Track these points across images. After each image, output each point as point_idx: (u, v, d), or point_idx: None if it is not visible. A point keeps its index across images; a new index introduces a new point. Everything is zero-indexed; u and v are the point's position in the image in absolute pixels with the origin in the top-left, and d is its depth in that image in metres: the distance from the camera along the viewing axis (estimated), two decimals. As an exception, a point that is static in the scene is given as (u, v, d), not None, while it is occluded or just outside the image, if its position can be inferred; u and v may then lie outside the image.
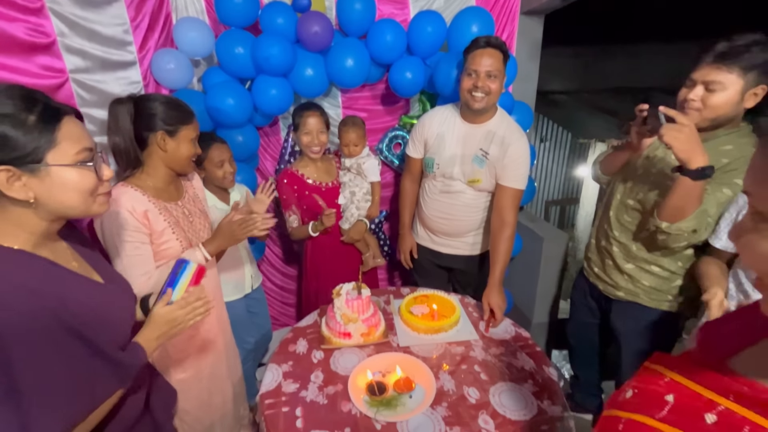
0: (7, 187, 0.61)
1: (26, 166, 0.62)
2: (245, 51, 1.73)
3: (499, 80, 1.47)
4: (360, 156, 1.87)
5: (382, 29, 1.80)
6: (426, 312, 1.46)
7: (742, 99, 1.08)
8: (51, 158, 0.64)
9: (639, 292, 1.37)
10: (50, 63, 1.12)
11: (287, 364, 1.27)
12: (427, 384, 1.15)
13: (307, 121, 1.72)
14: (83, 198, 0.69)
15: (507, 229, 1.58)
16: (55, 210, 0.67)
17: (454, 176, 1.64)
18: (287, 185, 1.79)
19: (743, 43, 1.04)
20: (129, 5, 1.47)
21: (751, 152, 1.18)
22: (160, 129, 1.09)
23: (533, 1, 2.00)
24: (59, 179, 0.66)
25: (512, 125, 1.61)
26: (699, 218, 1.10)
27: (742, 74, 1.05)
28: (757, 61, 1.03)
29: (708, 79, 1.09)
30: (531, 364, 1.25)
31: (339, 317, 1.35)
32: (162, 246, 1.11)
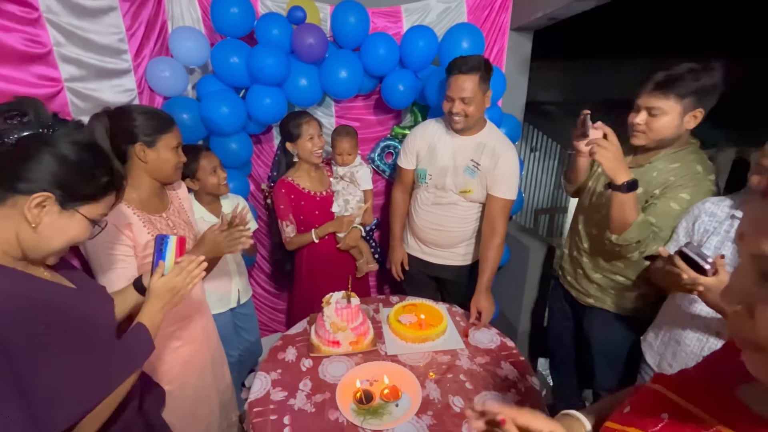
0: (29, 207, 0.66)
1: (63, 202, 0.69)
2: (240, 60, 1.75)
3: (475, 102, 1.50)
4: (353, 165, 1.90)
5: (375, 43, 1.84)
6: (414, 321, 1.49)
7: (682, 122, 1.19)
8: (85, 209, 0.72)
9: (606, 299, 1.45)
10: (46, 72, 1.13)
11: (276, 372, 1.29)
12: (413, 393, 1.17)
13: (306, 127, 1.73)
14: (65, 245, 0.73)
15: (497, 237, 1.63)
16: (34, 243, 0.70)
17: (446, 187, 1.67)
18: (285, 195, 1.80)
19: (679, 72, 1.14)
20: (125, 14, 1.49)
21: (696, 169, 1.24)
22: (138, 141, 1.08)
23: (522, 18, 2.06)
24: (72, 224, 0.71)
25: (501, 137, 1.66)
26: (641, 229, 1.19)
27: (679, 100, 1.16)
28: (691, 88, 1.14)
29: (649, 105, 1.20)
30: (515, 373, 1.29)
31: (328, 325, 1.37)
32: (146, 259, 1.11)
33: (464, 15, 2.07)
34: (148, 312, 0.87)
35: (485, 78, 1.50)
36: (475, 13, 2.08)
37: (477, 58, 1.49)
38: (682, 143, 1.25)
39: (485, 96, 1.54)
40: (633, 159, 1.34)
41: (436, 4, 2.05)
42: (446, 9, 2.06)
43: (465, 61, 1.47)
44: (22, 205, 0.65)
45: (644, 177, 1.27)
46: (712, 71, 1.14)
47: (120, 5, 1.45)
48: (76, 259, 1.22)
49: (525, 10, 2.02)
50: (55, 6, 1.17)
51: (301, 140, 1.75)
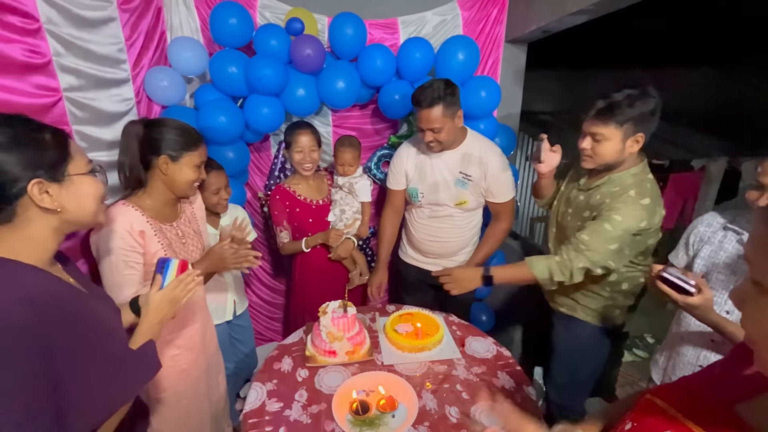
0: (40, 199, 0.68)
1: (53, 177, 0.70)
2: (238, 70, 1.77)
3: (445, 129, 1.52)
4: (353, 176, 1.91)
5: (372, 54, 1.86)
6: (410, 330, 1.49)
7: (624, 146, 1.23)
8: (72, 169, 0.72)
9: (578, 308, 1.47)
10: (44, 82, 1.13)
11: (272, 383, 1.28)
12: (409, 403, 1.17)
13: (299, 139, 1.75)
14: (98, 204, 0.77)
15: (503, 223, 1.71)
16: (76, 217, 0.74)
17: (441, 202, 1.69)
18: (279, 201, 1.82)
19: (617, 100, 1.18)
20: (125, 24, 1.50)
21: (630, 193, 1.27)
22: (164, 153, 1.13)
23: (516, 30, 2.10)
24: (80, 188, 0.74)
25: (484, 143, 1.67)
26: (545, 273, 1.31)
27: (618, 126, 1.20)
28: (629, 115, 1.18)
29: (592, 131, 1.25)
30: (511, 383, 1.29)
31: (325, 335, 1.37)
32: (151, 268, 1.10)
33: (460, 27, 2.11)
34: (147, 324, 0.87)
35: (450, 102, 1.49)
36: (471, 26, 2.12)
37: (437, 87, 1.47)
38: (629, 165, 1.29)
39: (455, 118, 1.54)
40: (586, 182, 1.39)
41: (432, 17, 2.08)
42: (442, 21, 2.09)
43: (424, 95, 1.47)
44: (28, 204, 0.68)
45: (590, 200, 1.34)
46: (648, 98, 1.17)
47: (120, 16, 1.46)
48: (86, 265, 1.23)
49: (519, 23, 2.07)
50: (56, 17, 1.17)
51: (291, 150, 1.77)
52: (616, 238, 1.21)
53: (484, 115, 2.04)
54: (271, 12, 1.95)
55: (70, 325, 0.68)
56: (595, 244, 1.24)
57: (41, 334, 0.62)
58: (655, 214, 1.22)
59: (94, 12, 1.34)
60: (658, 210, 1.24)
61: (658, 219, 1.24)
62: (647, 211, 1.21)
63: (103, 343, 0.74)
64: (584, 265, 1.26)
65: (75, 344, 0.67)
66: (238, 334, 1.90)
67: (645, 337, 2.99)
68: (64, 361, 0.64)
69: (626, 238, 1.22)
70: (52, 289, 0.70)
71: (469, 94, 1.96)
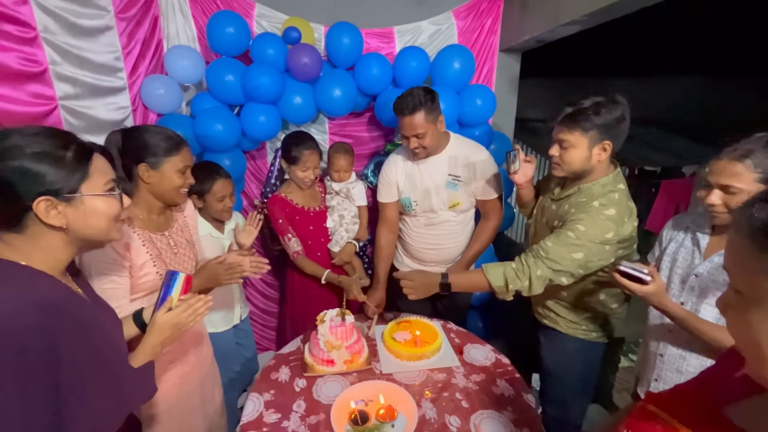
0: (46, 215, 0.68)
1: (63, 196, 0.69)
2: (235, 79, 1.77)
3: (429, 134, 1.53)
4: (349, 181, 1.92)
5: (369, 63, 1.88)
6: (409, 338, 1.48)
7: (591, 154, 1.22)
8: (85, 189, 0.72)
9: (559, 320, 1.45)
10: (40, 91, 1.13)
11: (269, 393, 1.27)
12: (409, 413, 1.16)
13: (308, 159, 1.72)
14: (109, 223, 0.77)
15: (491, 221, 1.72)
16: (84, 235, 0.74)
17: (435, 207, 1.69)
18: (280, 209, 1.78)
19: (583, 107, 1.18)
20: (122, 33, 1.51)
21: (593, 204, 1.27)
22: (143, 161, 1.08)
23: (511, 40, 2.14)
24: (91, 207, 0.73)
25: (469, 144, 1.69)
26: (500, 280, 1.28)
27: (584, 133, 1.19)
28: (595, 122, 1.17)
29: (559, 137, 1.24)
30: (510, 390, 1.28)
31: (322, 344, 1.36)
32: (141, 279, 1.09)
33: (455, 37, 2.14)
34: (149, 344, 0.86)
35: (431, 108, 1.51)
36: (465, 35, 2.15)
37: (417, 95, 1.49)
38: (599, 175, 1.26)
39: (437, 123, 1.56)
40: (558, 191, 1.38)
41: (428, 26, 2.11)
42: (437, 31, 2.12)
43: (405, 103, 1.49)
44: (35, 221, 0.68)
45: (559, 210, 1.33)
46: (615, 105, 1.17)
47: (117, 25, 1.47)
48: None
49: (513, 33, 2.10)
50: (52, 26, 1.17)
51: (296, 167, 1.74)
52: (579, 246, 1.19)
53: (480, 122, 2.06)
54: (268, 21, 1.96)
55: (77, 334, 0.67)
56: (557, 252, 1.21)
57: (49, 339, 0.62)
58: (623, 224, 1.19)
59: (91, 21, 1.34)
60: (628, 221, 1.20)
61: (628, 230, 1.20)
62: (613, 222, 1.18)
63: (107, 356, 0.74)
64: (543, 273, 1.23)
65: (80, 353, 0.67)
66: (241, 338, 1.89)
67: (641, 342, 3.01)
68: (68, 368, 0.64)
69: (592, 248, 1.19)
70: (63, 296, 0.70)
71: (465, 102, 1.98)
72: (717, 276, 1.06)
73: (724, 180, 0.98)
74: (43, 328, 0.62)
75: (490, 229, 1.75)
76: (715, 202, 1.01)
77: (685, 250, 1.16)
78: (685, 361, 1.14)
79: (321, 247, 1.88)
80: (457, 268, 1.72)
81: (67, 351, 0.64)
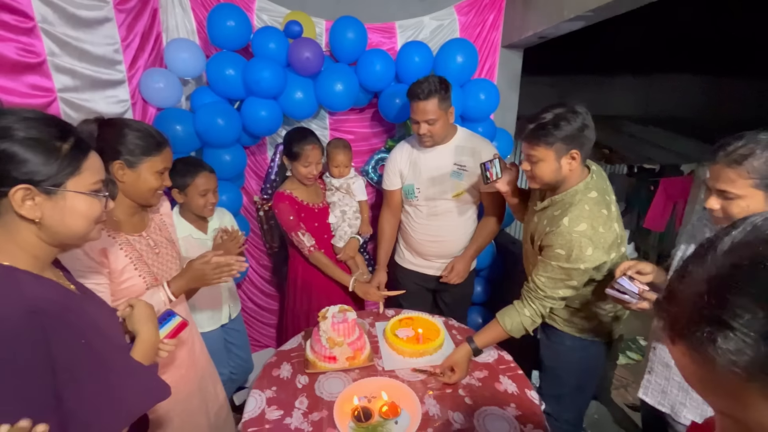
0: (20, 205, 0.64)
1: (44, 188, 0.65)
2: (236, 73, 1.75)
3: (439, 121, 1.56)
4: (348, 176, 1.90)
5: (371, 59, 1.86)
6: (411, 335, 1.47)
7: (560, 165, 1.22)
8: (71, 185, 0.68)
9: (556, 318, 1.44)
10: (39, 82, 1.11)
11: (271, 390, 1.26)
12: (412, 409, 1.15)
13: (310, 154, 1.69)
14: (88, 224, 0.72)
15: (494, 215, 1.75)
16: (58, 233, 0.69)
17: (438, 196, 1.70)
18: (289, 206, 1.75)
19: (543, 122, 1.19)
20: (120, 25, 1.48)
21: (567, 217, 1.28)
22: (119, 158, 1.00)
23: (513, 36, 2.12)
24: (71, 205, 0.69)
25: (475, 136, 1.71)
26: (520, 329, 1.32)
27: (549, 147, 1.20)
28: (558, 136, 1.18)
29: (527, 153, 1.26)
30: (513, 386, 1.28)
31: (324, 340, 1.35)
32: (123, 284, 1.03)
33: (457, 32, 2.12)
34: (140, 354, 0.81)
35: (444, 97, 1.53)
36: (468, 31, 2.13)
37: (432, 81, 1.52)
38: (574, 182, 1.26)
39: (448, 113, 1.58)
40: (540, 204, 1.36)
41: (430, 22, 2.10)
42: (439, 26, 2.11)
43: (421, 88, 1.51)
44: (8, 207, 0.64)
45: (539, 224, 1.33)
46: (575, 115, 1.17)
47: (116, 16, 1.44)
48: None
49: (515, 28, 2.09)
50: (51, 16, 1.15)
51: (298, 163, 1.71)
52: (566, 272, 1.21)
53: (483, 117, 2.05)
54: (269, 15, 1.94)
55: (69, 332, 0.65)
56: (551, 286, 1.25)
57: (40, 341, 0.60)
58: (600, 234, 1.18)
59: (90, 12, 1.32)
60: (604, 229, 1.19)
61: (608, 237, 1.19)
62: (587, 237, 1.17)
63: (102, 352, 0.71)
64: (550, 304, 1.28)
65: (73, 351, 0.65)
66: (233, 338, 1.86)
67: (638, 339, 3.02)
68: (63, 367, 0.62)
69: (579, 269, 1.19)
70: (51, 296, 0.67)
71: (468, 97, 1.97)
72: None
73: (720, 185, 0.96)
74: (32, 332, 0.59)
75: (493, 224, 1.76)
76: (714, 207, 1.00)
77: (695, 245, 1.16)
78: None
79: (325, 243, 1.87)
80: (460, 261, 1.75)
81: (59, 351, 0.62)
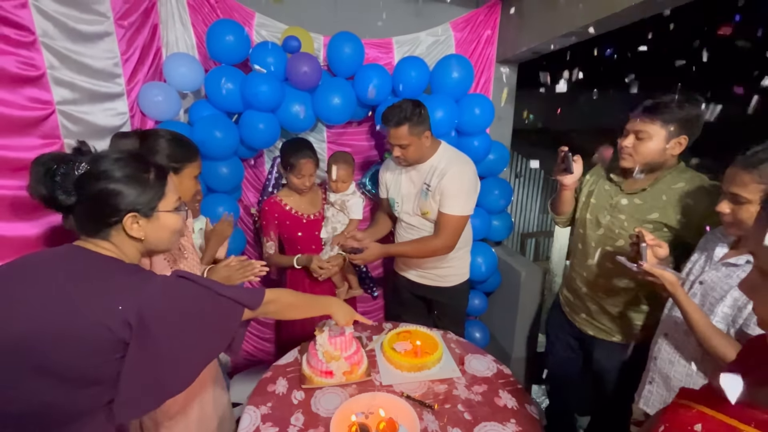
0: (130, 229, 0.80)
1: (144, 212, 0.81)
2: (234, 87, 1.77)
3: (412, 146, 1.58)
4: (346, 193, 1.90)
5: (369, 73, 1.89)
6: (409, 349, 1.45)
7: (666, 147, 1.25)
8: (161, 206, 0.83)
9: (613, 329, 1.43)
10: (38, 95, 1.11)
11: (266, 406, 1.23)
12: (411, 426, 1.13)
13: (303, 166, 1.71)
14: (174, 237, 0.88)
15: (436, 240, 1.65)
16: (153, 245, 0.85)
17: (411, 211, 1.75)
18: (269, 212, 1.81)
19: (665, 100, 1.23)
20: (121, 39, 1.50)
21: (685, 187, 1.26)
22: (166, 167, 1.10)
23: (507, 51, 2.17)
24: (164, 222, 0.84)
25: (452, 157, 1.67)
26: None
27: (664, 126, 1.23)
28: (676, 116, 1.22)
29: (636, 129, 1.27)
30: (513, 402, 1.26)
31: (321, 355, 1.33)
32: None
33: (452, 48, 2.16)
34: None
35: (416, 122, 1.54)
36: (463, 46, 2.18)
37: (404, 108, 1.53)
38: (671, 165, 1.31)
39: (422, 137, 1.58)
40: (627, 184, 1.38)
41: (426, 38, 2.14)
42: (435, 42, 2.15)
43: (392, 115, 1.54)
44: (120, 229, 0.80)
45: (651, 202, 1.31)
46: (696, 102, 1.21)
47: (116, 31, 1.46)
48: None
49: (510, 44, 2.13)
50: (52, 30, 1.16)
51: (291, 174, 1.74)
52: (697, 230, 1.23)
53: (478, 131, 2.07)
54: (267, 30, 1.97)
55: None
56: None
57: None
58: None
59: (91, 26, 1.33)
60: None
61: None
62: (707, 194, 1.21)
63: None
64: None
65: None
66: None
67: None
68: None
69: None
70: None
71: (464, 111, 1.99)
72: (717, 285, 1.05)
73: (733, 188, 0.97)
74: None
75: (430, 245, 1.67)
76: (724, 211, 1.00)
77: (702, 259, 1.15)
78: (673, 367, 1.14)
79: (312, 253, 1.86)
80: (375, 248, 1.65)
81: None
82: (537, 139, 5.74)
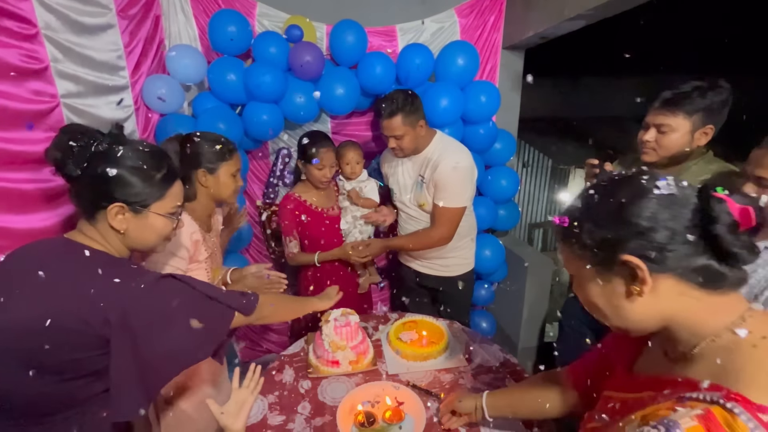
0: (113, 218, 0.80)
1: (134, 207, 0.81)
2: (237, 78, 1.76)
3: (407, 136, 1.58)
4: (360, 179, 1.88)
5: (372, 61, 1.86)
6: (415, 338, 1.45)
7: (692, 138, 1.20)
8: (155, 207, 0.83)
9: None
10: (42, 88, 1.11)
11: (273, 395, 1.24)
12: (417, 414, 1.13)
13: (324, 156, 1.69)
14: (159, 240, 0.88)
15: (434, 231, 1.67)
16: (133, 242, 0.85)
17: (407, 203, 1.75)
18: (290, 211, 1.76)
19: (686, 90, 1.16)
20: (123, 31, 1.49)
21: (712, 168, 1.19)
22: (201, 167, 1.19)
23: (514, 37, 2.12)
24: (152, 223, 0.84)
25: (447, 148, 1.64)
26: None
27: (687, 117, 1.17)
28: (699, 105, 1.16)
29: (658, 122, 1.22)
30: (519, 391, 1.25)
31: (327, 345, 1.34)
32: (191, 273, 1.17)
33: (457, 34, 2.12)
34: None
35: (409, 112, 1.54)
36: (468, 33, 2.13)
37: (396, 99, 1.53)
38: (697, 156, 1.25)
39: (416, 127, 1.58)
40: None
41: (430, 24, 2.10)
42: (440, 29, 2.11)
43: (385, 107, 1.54)
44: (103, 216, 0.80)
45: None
46: (720, 89, 1.16)
47: (118, 23, 1.45)
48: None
49: (516, 29, 2.08)
50: (54, 23, 1.16)
51: (312, 165, 1.70)
52: None
53: (484, 119, 2.04)
54: (270, 20, 1.95)
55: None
56: None
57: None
58: None
59: (93, 18, 1.33)
60: None
61: None
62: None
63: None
64: None
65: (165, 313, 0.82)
66: None
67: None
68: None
69: None
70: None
71: (469, 99, 1.96)
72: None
73: (759, 171, 0.93)
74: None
75: (428, 237, 1.68)
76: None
77: None
78: None
79: (334, 248, 1.84)
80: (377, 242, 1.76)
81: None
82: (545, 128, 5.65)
